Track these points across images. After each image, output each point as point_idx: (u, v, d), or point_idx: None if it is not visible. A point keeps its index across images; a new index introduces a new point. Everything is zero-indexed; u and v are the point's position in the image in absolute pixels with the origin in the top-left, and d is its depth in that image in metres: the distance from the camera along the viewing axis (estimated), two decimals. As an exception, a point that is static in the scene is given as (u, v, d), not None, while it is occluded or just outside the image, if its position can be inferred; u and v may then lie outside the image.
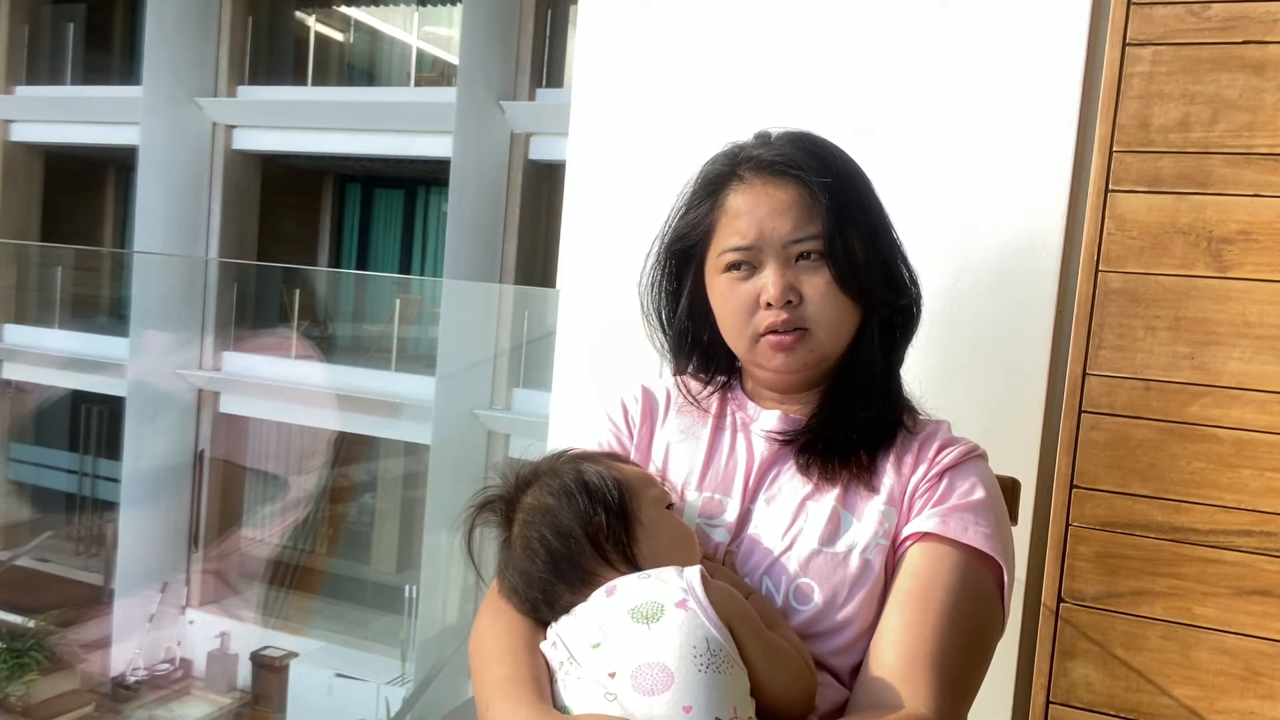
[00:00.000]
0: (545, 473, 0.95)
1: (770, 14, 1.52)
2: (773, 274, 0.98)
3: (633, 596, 0.85)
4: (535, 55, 9.11)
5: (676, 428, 1.09)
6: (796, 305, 0.98)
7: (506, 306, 8.90)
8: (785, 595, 0.95)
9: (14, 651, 8.25)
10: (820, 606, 0.93)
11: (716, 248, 1.02)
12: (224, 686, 9.16)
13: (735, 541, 0.99)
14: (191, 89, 9.93)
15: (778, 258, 0.98)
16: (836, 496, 0.98)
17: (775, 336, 0.98)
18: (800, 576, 0.95)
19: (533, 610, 0.93)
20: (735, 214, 1.00)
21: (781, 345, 0.99)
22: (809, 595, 0.94)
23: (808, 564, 0.95)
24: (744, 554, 0.98)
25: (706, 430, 1.07)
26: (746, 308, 0.99)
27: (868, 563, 0.95)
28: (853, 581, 0.94)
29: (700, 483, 1.04)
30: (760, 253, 0.98)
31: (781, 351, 0.99)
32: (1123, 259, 1.29)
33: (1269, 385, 1.22)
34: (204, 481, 10.07)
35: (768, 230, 0.98)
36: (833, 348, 1.00)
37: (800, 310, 0.98)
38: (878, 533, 0.96)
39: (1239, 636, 1.24)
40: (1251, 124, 1.23)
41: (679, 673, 0.79)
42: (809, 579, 0.95)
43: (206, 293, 10.16)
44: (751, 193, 1.00)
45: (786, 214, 0.97)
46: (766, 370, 1.03)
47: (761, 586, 0.96)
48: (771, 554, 0.97)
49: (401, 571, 9.66)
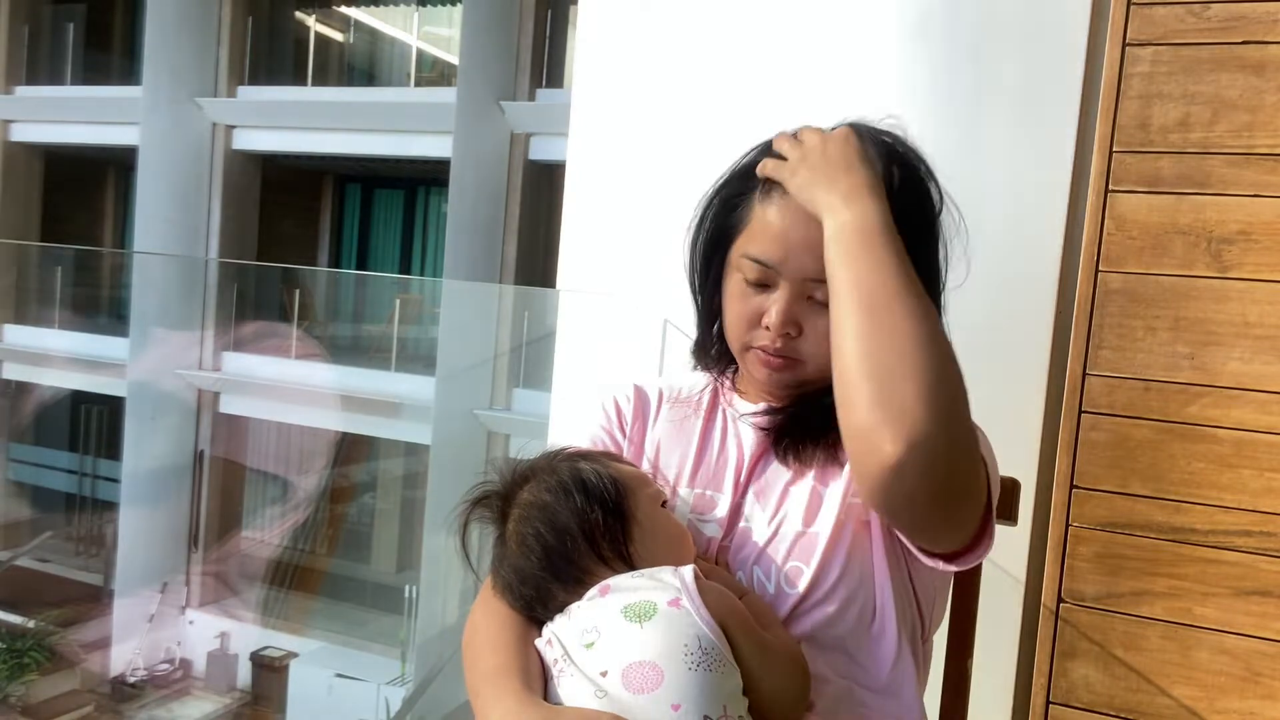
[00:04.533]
0: (541, 469, 0.95)
1: (770, 14, 1.52)
2: (781, 302, 0.96)
3: (626, 595, 0.85)
4: (535, 55, 9.10)
5: (668, 424, 1.09)
6: (794, 338, 0.97)
7: (506, 306, 8.89)
8: (776, 582, 0.95)
9: (14, 651, 8.25)
10: (809, 583, 0.94)
11: (740, 247, 1.00)
12: (224, 686, 9.16)
13: (727, 536, 0.99)
14: (191, 89, 9.91)
15: (792, 288, 0.96)
16: (815, 477, 0.99)
17: (765, 355, 0.99)
18: (788, 561, 0.95)
19: (527, 608, 0.92)
20: (767, 225, 0.97)
21: (769, 365, 0.99)
22: (797, 578, 0.94)
23: (794, 548, 0.95)
24: (735, 548, 0.98)
25: (697, 426, 1.07)
26: (748, 319, 0.99)
27: (841, 523, 0.95)
28: (832, 548, 0.94)
29: (692, 479, 1.04)
30: (778, 276, 0.97)
31: (768, 369, 0.99)
32: (1123, 259, 1.29)
33: (1269, 385, 1.22)
34: (204, 482, 10.07)
35: (792, 260, 0.95)
36: (823, 377, 0.96)
37: (796, 344, 0.97)
38: (846, 493, 0.96)
39: (1239, 637, 1.24)
40: (1251, 124, 1.23)
41: (668, 671, 0.79)
42: (796, 562, 0.95)
43: (206, 293, 10.16)
44: (789, 213, 0.95)
45: (817, 251, 0.92)
46: (752, 377, 1.03)
47: (753, 577, 0.96)
48: (759, 545, 0.97)
49: (401, 572, 9.65)
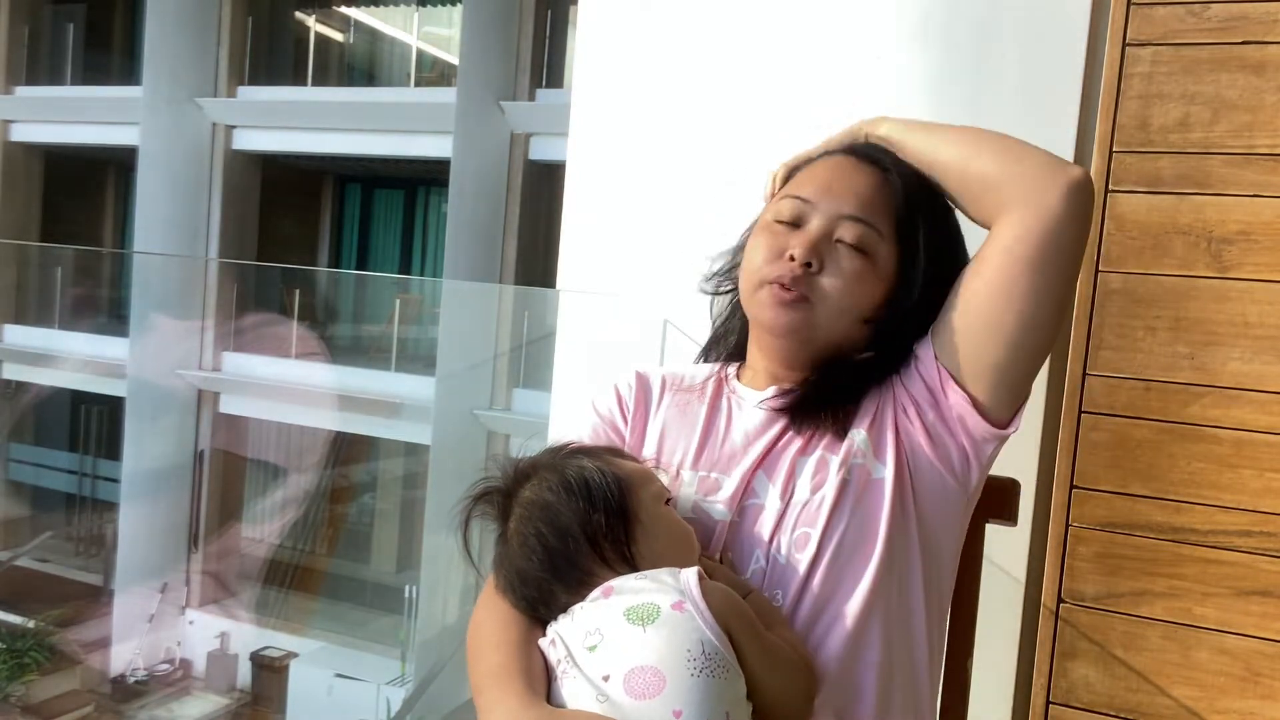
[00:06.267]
0: (544, 467, 0.94)
1: (770, 14, 1.52)
2: (812, 231, 0.96)
3: (629, 597, 0.85)
4: (535, 55, 9.10)
5: (671, 410, 1.08)
6: (815, 273, 0.96)
7: (506, 306, 8.88)
8: (786, 551, 0.94)
9: (14, 651, 8.24)
10: (817, 544, 0.93)
11: (772, 205, 1.01)
12: (224, 686, 9.15)
13: (736, 513, 0.98)
14: (191, 89, 9.90)
15: (824, 223, 0.96)
16: (825, 445, 0.98)
17: (778, 289, 0.96)
18: (798, 528, 0.94)
19: (530, 608, 0.92)
20: (810, 173, 1.00)
21: (780, 300, 0.96)
22: (805, 542, 0.94)
23: (801, 515, 0.95)
24: (745, 525, 0.97)
25: (702, 411, 1.06)
26: (771, 253, 0.98)
27: (845, 482, 0.94)
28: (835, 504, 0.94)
29: (696, 462, 1.02)
30: (813, 210, 0.97)
31: (777, 305, 0.97)
32: (1123, 259, 1.29)
33: (1269, 385, 1.22)
34: (204, 482, 10.06)
35: (833, 195, 0.97)
36: (828, 333, 0.98)
37: (814, 280, 0.96)
38: (850, 453, 0.96)
39: (1239, 637, 1.24)
40: (1251, 124, 1.23)
41: (671, 676, 0.78)
42: (804, 528, 0.94)
43: (206, 293, 10.16)
44: (834, 165, 0.99)
45: (856, 194, 0.96)
46: (759, 322, 1.01)
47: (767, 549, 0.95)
48: (770, 518, 0.96)
49: (401, 572, 9.65)
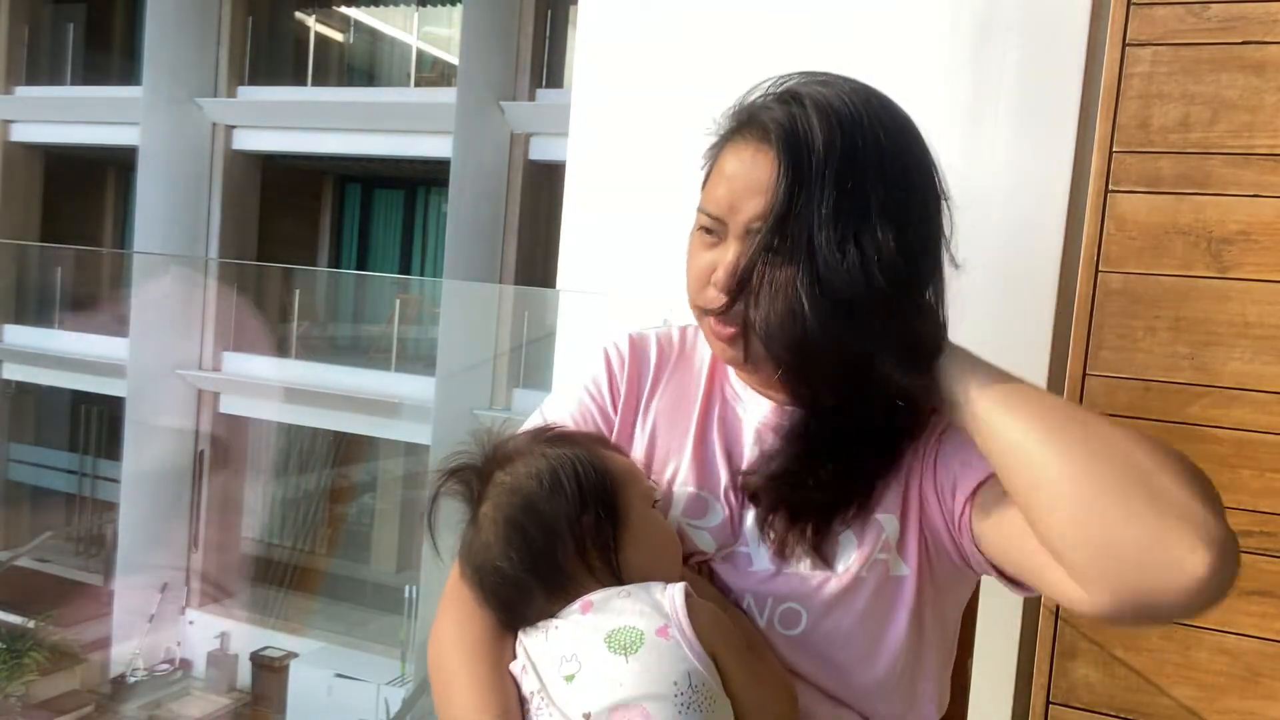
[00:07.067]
0: (526, 454, 0.86)
1: (769, 14, 1.52)
2: (727, 260, 0.84)
3: (610, 618, 0.79)
4: (535, 55, 9.10)
5: (664, 399, 0.98)
6: (743, 303, 0.84)
7: (506, 307, 8.89)
8: (768, 620, 0.87)
9: (14, 651, 8.25)
10: (806, 628, 0.86)
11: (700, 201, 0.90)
12: (224, 687, 9.16)
13: (721, 552, 0.90)
14: (191, 89, 9.91)
15: (739, 239, 0.84)
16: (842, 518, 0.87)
17: (714, 322, 0.87)
18: (788, 601, 0.87)
19: (501, 608, 0.86)
20: (720, 176, 0.87)
21: (720, 335, 0.87)
22: (795, 621, 0.87)
23: (797, 588, 0.87)
24: (729, 571, 0.90)
25: (695, 409, 0.96)
26: (699, 278, 0.88)
27: (860, 580, 0.86)
28: (843, 600, 0.86)
29: (687, 475, 0.94)
30: (724, 230, 0.86)
31: (718, 341, 0.88)
32: (1123, 259, 1.29)
33: (1269, 385, 1.22)
34: (204, 482, 10.07)
35: (738, 205, 0.84)
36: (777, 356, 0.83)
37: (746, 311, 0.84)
38: (875, 547, 0.87)
39: (1239, 636, 1.24)
40: (1251, 124, 1.23)
41: (656, 714, 0.74)
42: (794, 604, 0.87)
43: (206, 293, 10.16)
44: (739, 158, 0.85)
45: (762, 194, 0.82)
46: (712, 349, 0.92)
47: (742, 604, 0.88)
48: (758, 577, 0.88)
49: (401, 572, 9.65)
